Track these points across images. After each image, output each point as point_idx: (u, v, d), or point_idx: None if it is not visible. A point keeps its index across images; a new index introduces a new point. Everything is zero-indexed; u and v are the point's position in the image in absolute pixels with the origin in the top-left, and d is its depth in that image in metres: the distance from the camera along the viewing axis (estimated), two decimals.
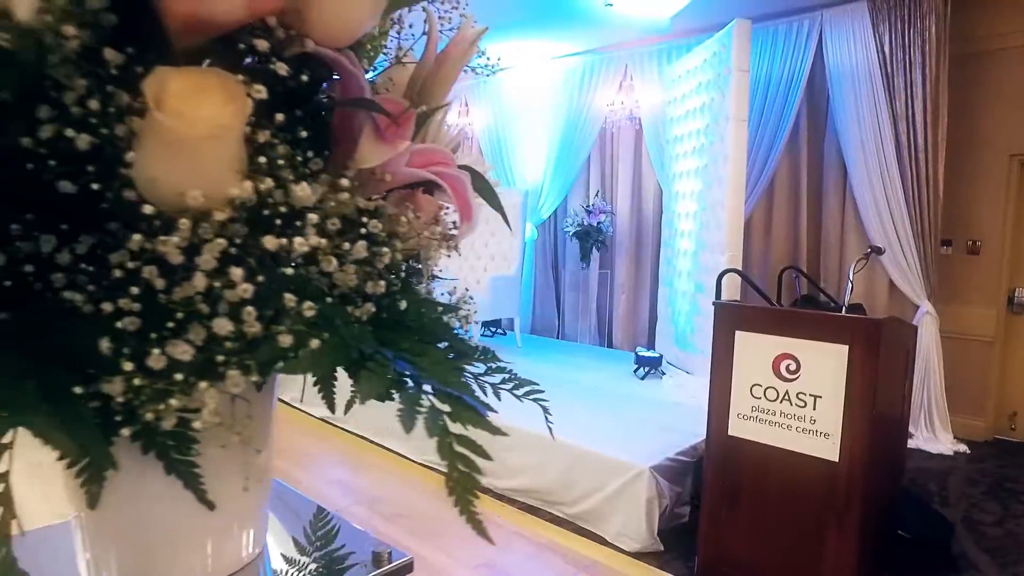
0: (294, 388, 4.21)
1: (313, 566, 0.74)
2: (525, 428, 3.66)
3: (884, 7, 4.47)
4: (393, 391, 0.39)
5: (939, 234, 4.49)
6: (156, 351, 0.32)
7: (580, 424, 3.59)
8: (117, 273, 0.31)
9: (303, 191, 0.35)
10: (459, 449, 0.40)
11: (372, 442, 4.41)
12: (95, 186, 0.29)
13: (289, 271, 0.35)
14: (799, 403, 2.60)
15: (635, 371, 4.98)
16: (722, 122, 4.39)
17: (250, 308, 0.33)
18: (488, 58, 0.56)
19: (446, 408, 0.40)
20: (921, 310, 4.53)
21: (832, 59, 4.80)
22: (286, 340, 0.35)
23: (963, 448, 4.44)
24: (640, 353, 5.06)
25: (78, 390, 0.33)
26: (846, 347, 2.47)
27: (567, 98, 6.41)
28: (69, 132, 0.26)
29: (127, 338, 0.32)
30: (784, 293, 4.64)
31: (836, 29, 4.76)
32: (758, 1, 4.73)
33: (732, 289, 4.10)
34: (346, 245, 0.37)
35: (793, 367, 2.61)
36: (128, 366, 0.33)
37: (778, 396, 2.65)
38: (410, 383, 0.39)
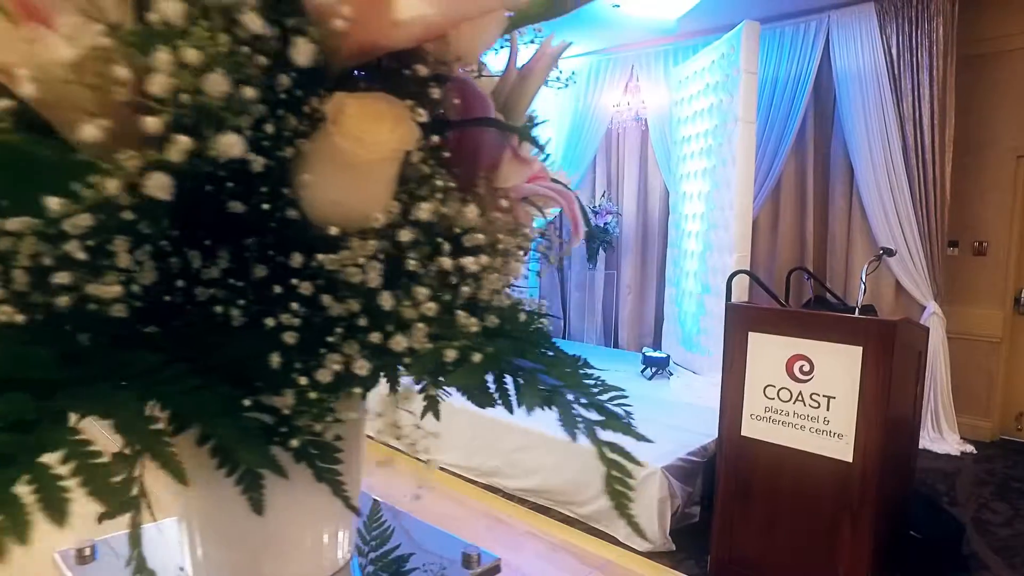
0: None
1: (371, 568, 0.75)
2: (537, 429, 3.69)
3: (891, 9, 4.48)
4: (549, 401, 0.40)
5: (946, 235, 4.51)
6: (336, 366, 0.34)
7: None
8: (277, 289, 0.32)
9: (471, 212, 0.36)
10: (612, 456, 0.42)
11: (381, 442, 4.42)
12: (265, 206, 0.30)
13: (466, 289, 0.36)
14: (812, 404, 2.61)
15: (642, 371, 4.99)
16: (730, 124, 4.41)
17: (421, 324, 0.34)
18: (561, 72, 0.57)
19: (596, 417, 0.42)
20: (928, 311, 4.54)
21: (839, 61, 4.81)
22: (451, 354, 0.36)
23: (970, 448, 4.46)
24: (647, 354, 5.07)
25: (247, 402, 0.34)
26: (860, 348, 2.49)
27: (573, 98, 6.43)
28: (250, 155, 0.28)
29: (294, 352, 0.33)
30: (792, 294, 4.65)
31: (843, 31, 4.77)
32: (765, 3, 4.75)
33: (740, 290, 4.12)
34: (497, 261, 0.38)
35: (807, 368, 2.63)
36: (303, 380, 0.34)
37: (791, 397, 2.66)
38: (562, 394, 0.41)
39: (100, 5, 0.27)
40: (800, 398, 2.64)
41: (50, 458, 0.27)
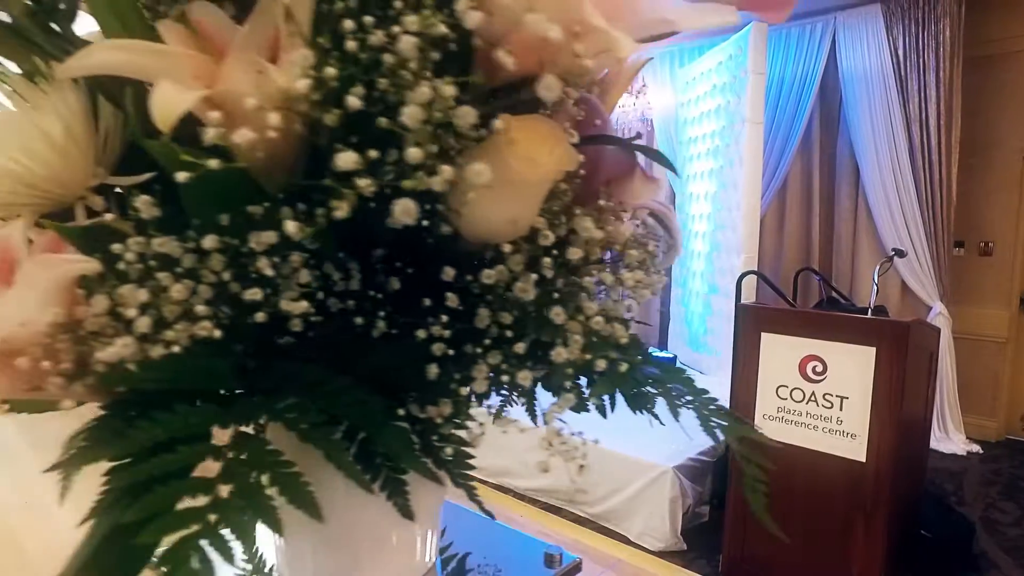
0: None
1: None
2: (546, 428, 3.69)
3: (898, 10, 4.50)
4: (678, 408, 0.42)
5: (952, 236, 4.52)
6: (485, 376, 0.35)
7: (601, 424, 3.62)
8: (426, 302, 0.34)
9: (626, 229, 0.38)
10: (750, 459, 0.43)
11: None
12: (424, 222, 0.31)
13: (628, 303, 0.38)
14: (826, 404, 2.63)
15: None
16: (737, 124, 4.42)
17: (578, 337, 0.35)
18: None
19: (725, 423, 0.43)
20: (934, 311, 4.56)
21: (845, 62, 4.83)
22: (602, 364, 0.38)
23: (976, 448, 4.47)
24: (654, 354, 5.08)
25: (401, 411, 0.35)
26: (873, 349, 2.50)
27: None
28: (419, 174, 0.29)
29: (449, 363, 0.34)
30: (799, 294, 4.67)
31: (849, 32, 4.78)
32: None
33: (747, 290, 4.13)
34: (646, 275, 0.40)
35: (820, 368, 2.64)
36: (463, 391, 0.35)
37: (804, 397, 2.68)
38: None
39: (294, 39, 0.28)
40: (813, 398, 2.66)
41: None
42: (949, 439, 4.53)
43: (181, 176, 0.27)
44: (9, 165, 0.32)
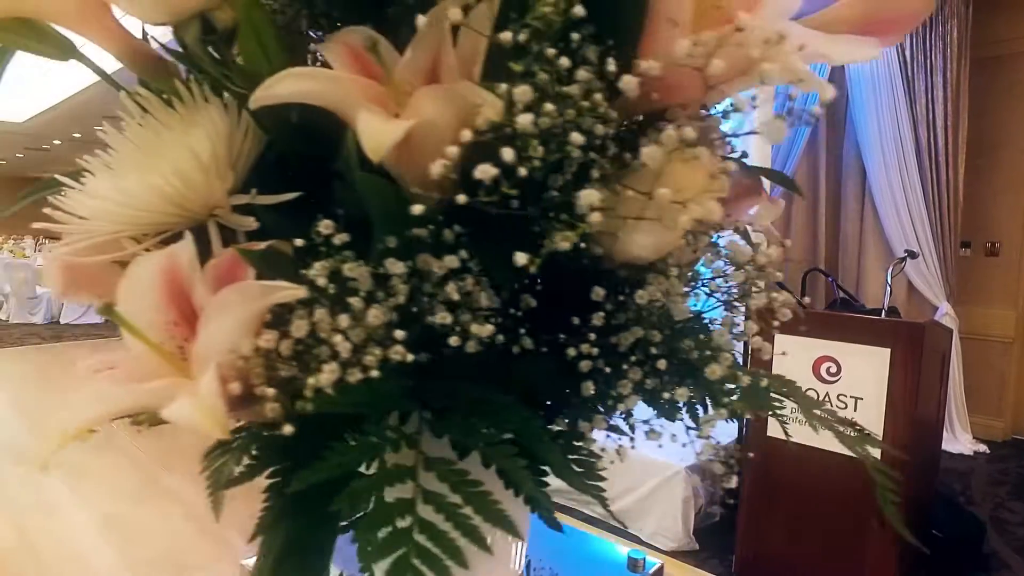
0: None
1: None
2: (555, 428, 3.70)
3: None
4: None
5: (958, 236, 4.53)
6: (628, 391, 0.36)
7: None
8: (575, 320, 0.34)
9: (775, 251, 0.39)
10: (879, 467, 0.44)
11: None
12: (582, 245, 0.32)
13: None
14: (840, 405, 2.64)
15: None
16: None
17: (727, 354, 0.36)
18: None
19: (850, 433, 0.44)
20: (940, 311, 4.57)
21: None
22: (745, 380, 0.39)
23: (983, 448, 4.49)
24: None
25: (554, 428, 0.36)
26: (888, 350, 2.51)
27: None
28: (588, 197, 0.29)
29: (600, 380, 0.35)
30: (807, 295, 4.68)
31: None
32: None
33: None
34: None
35: (834, 369, 2.66)
36: (621, 407, 0.36)
37: (818, 398, 2.68)
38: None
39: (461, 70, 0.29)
40: (827, 399, 2.66)
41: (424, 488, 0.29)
42: (956, 439, 4.55)
43: (416, 209, 0.27)
44: (162, 186, 0.33)
